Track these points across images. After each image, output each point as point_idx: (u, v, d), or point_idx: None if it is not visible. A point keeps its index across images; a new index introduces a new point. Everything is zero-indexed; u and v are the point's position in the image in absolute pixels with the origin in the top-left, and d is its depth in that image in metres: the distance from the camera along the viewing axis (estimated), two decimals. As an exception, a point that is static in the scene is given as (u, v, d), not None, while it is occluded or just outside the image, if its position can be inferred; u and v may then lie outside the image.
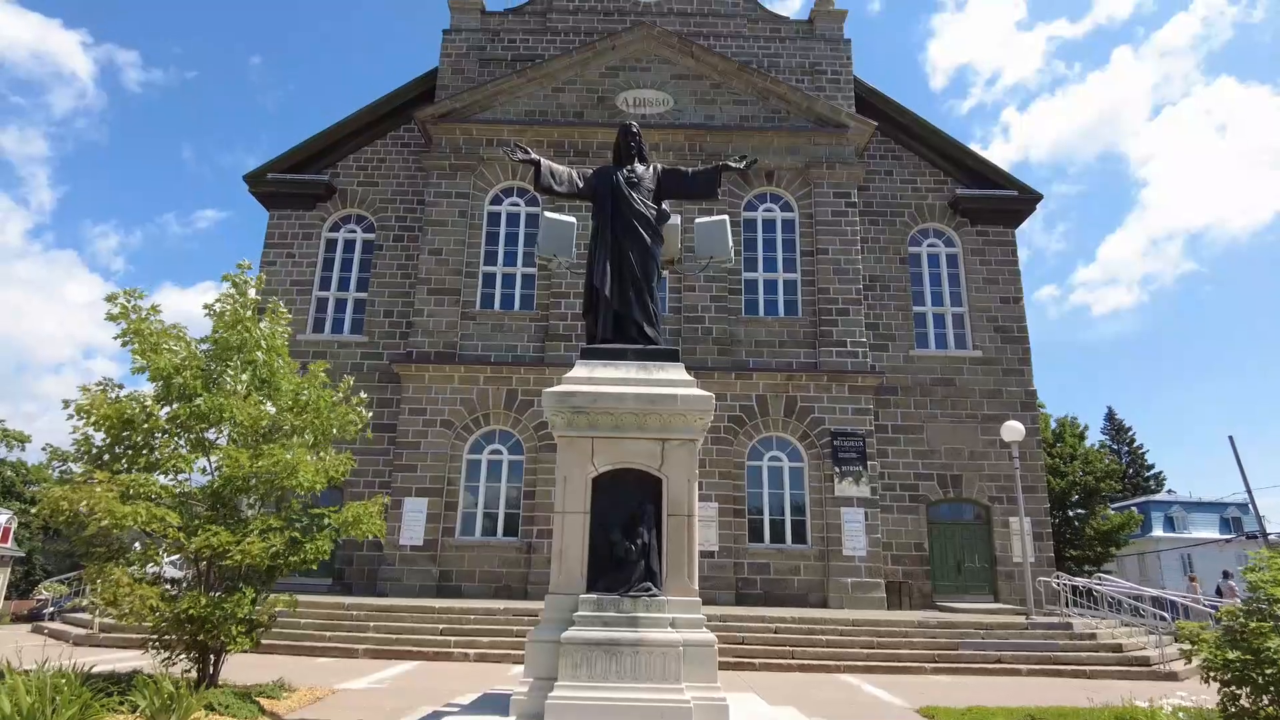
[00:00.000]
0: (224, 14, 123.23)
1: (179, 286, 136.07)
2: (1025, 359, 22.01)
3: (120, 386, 8.70)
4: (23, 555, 34.89)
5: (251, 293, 9.36)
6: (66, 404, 8.23)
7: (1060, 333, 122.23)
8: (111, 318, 8.66)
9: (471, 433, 20.25)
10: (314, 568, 8.83)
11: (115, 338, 8.64)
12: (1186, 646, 6.98)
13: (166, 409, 8.54)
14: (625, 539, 5.87)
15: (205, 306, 9.15)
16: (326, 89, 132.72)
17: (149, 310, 8.86)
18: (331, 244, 23.00)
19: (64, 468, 9.01)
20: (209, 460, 8.77)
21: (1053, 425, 38.36)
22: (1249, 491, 26.62)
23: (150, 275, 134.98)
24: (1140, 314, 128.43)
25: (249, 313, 9.07)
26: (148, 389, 8.78)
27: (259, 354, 9.03)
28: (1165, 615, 16.44)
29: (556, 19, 24.37)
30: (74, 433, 8.38)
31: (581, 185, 7.52)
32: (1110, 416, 53.84)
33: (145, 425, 8.40)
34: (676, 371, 6.52)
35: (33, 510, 10.24)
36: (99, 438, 8.44)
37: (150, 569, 8.47)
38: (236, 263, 9.56)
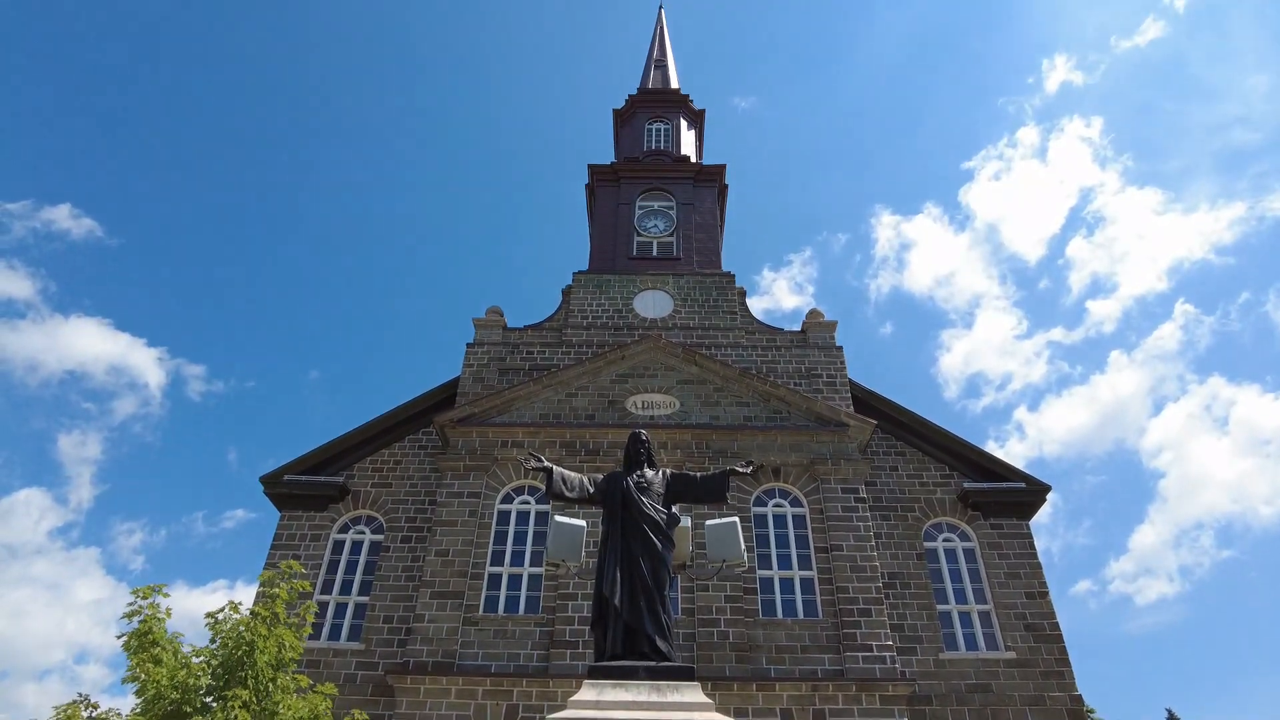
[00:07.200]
0: (290, 334, 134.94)
1: (190, 586, 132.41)
2: (1063, 659, 20.47)
3: (95, 705, 8.13)
4: None
5: (282, 592, 9.11)
6: None
7: (1105, 625, 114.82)
8: (127, 615, 8.40)
9: (467, 757, 18.29)
10: None
11: (119, 636, 8.25)
12: None
13: None
14: None
15: (208, 615, 8.86)
16: (363, 398, 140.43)
17: (165, 612, 8.60)
18: (339, 545, 22.75)
19: None
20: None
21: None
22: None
23: (165, 575, 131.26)
24: (1185, 603, 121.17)
25: (263, 625, 8.74)
26: (130, 701, 8.18)
27: (264, 667, 8.53)
28: None
29: (571, 334, 26.59)
30: None
31: (592, 490, 7.67)
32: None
33: None
34: (693, 693, 6.06)
35: None
36: None
37: None
38: (281, 562, 9.41)
